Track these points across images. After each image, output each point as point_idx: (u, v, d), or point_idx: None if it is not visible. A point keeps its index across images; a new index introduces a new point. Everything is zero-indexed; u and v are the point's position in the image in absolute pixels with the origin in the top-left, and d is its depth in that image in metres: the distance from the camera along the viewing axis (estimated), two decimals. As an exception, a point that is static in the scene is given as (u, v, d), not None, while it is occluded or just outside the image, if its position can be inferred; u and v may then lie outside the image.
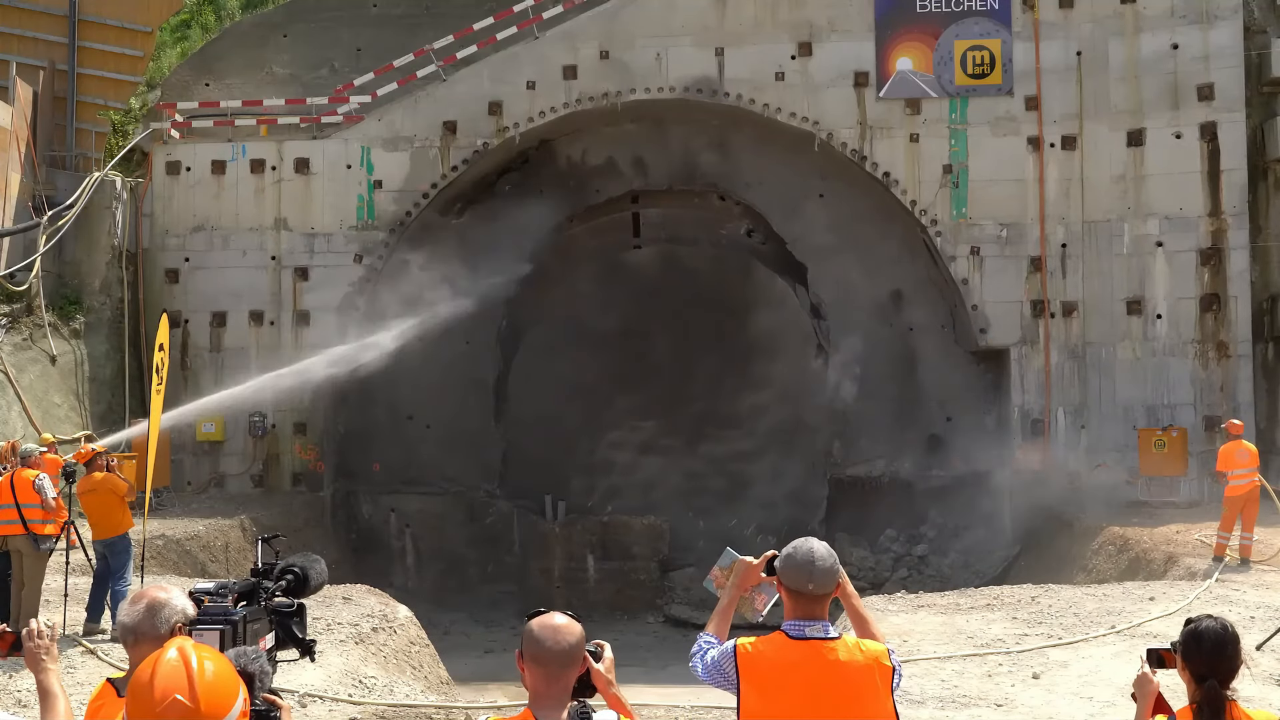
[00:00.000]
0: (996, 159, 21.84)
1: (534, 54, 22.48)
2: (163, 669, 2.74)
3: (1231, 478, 15.26)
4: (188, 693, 2.70)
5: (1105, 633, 11.67)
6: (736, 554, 4.30)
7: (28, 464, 12.39)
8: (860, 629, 4.16)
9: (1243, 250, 21.01)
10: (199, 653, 2.80)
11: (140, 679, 2.76)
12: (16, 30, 26.74)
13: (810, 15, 22.19)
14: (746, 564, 4.23)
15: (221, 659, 2.86)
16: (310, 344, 22.38)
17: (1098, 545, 18.24)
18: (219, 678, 2.78)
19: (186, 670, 2.74)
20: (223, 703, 2.75)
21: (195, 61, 24.28)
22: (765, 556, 4.19)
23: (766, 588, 4.24)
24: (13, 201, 21.66)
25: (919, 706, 9.43)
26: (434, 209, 22.96)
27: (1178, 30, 21.33)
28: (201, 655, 2.80)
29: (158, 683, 2.71)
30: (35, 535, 12.06)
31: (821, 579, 3.94)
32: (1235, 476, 15.23)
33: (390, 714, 9.91)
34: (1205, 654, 3.87)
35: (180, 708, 2.69)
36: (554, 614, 3.36)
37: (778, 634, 3.94)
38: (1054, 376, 21.50)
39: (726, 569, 4.28)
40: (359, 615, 13.03)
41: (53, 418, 20.39)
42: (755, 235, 24.42)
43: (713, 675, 3.97)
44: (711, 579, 4.33)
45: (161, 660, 2.77)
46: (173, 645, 2.82)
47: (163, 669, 2.74)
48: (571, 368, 23.73)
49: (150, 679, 2.73)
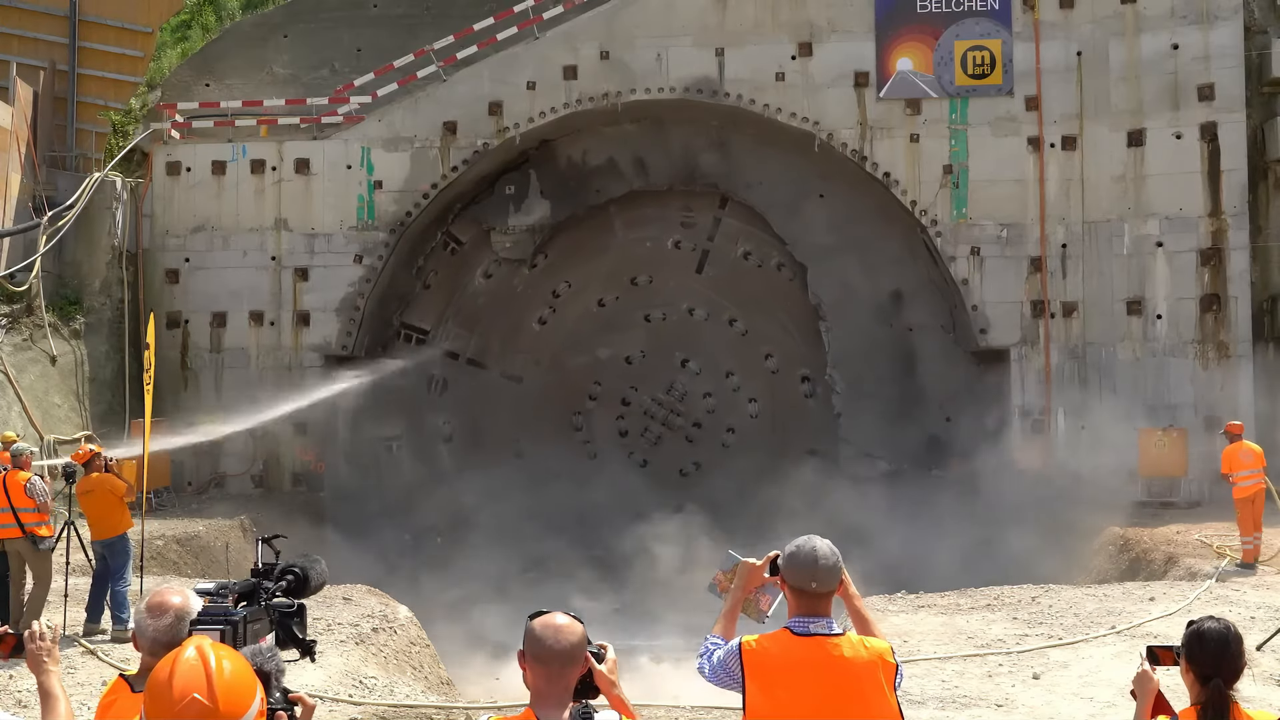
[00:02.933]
0: (997, 159, 21.84)
1: (534, 54, 22.48)
2: (181, 668, 2.73)
3: (1238, 479, 15.12)
4: (206, 692, 2.69)
5: (1106, 633, 11.67)
6: (739, 556, 4.30)
7: (19, 464, 12.41)
8: (861, 629, 4.17)
9: (1243, 250, 21.01)
10: (217, 652, 2.79)
11: (159, 677, 2.75)
12: (17, 30, 26.75)
13: (810, 15, 22.20)
14: (750, 566, 4.23)
15: (239, 658, 2.85)
16: (310, 344, 22.45)
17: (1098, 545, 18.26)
18: (237, 677, 2.77)
19: (205, 669, 2.73)
20: (241, 702, 2.74)
21: (195, 62, 24.29)
22: (768, 557, 4.19)
23: (770, 588, 4.24)
24: (13, 202, 21.66)
25: (919, 707, 9.42)
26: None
27: (1178, 30, 21.33)
28: (220, 654, 2.79)
29: (176, 682, 2.70)
30: (34, 537, 12.08)
31: (825, 576, 3.95)
32: (1242, 478, 15.11)
33: (390, 714, 9.91)
34: (1208, 655, 3.88)
35: (199, 706, 2.68)
36: (556, 614, 3.39)
37: (782, 631, 3.95)
38: (1054, 377, 21.50)
39: (729, 571, 4.28)
40: (359, 615, 13.03)
41: (53, 418, 20.40)
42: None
43: (718, 676, 3.98)
44: (715, 583, 4.32)
45: (180, 659, 2.76)
46: (191, 644, 2.81)
47: (181, 668, 2.73)
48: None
49: (169, 678, 2.72)
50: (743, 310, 24.77)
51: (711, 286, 24.80)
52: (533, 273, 24.69)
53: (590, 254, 24.66)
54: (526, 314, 24.99)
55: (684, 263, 24.84)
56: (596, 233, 24.51)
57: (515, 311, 24.84)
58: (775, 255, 24.28)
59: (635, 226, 24.63)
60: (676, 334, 25.07)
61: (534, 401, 24.74)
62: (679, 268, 24.81)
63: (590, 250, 24.62)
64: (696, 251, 24.79)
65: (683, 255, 24.80)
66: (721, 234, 24.67)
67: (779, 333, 24.74)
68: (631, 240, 24.76)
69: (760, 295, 24.57)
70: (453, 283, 24.37)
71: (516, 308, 24.83)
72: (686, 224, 24.60)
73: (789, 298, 24.38)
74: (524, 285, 24.76)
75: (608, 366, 25.14)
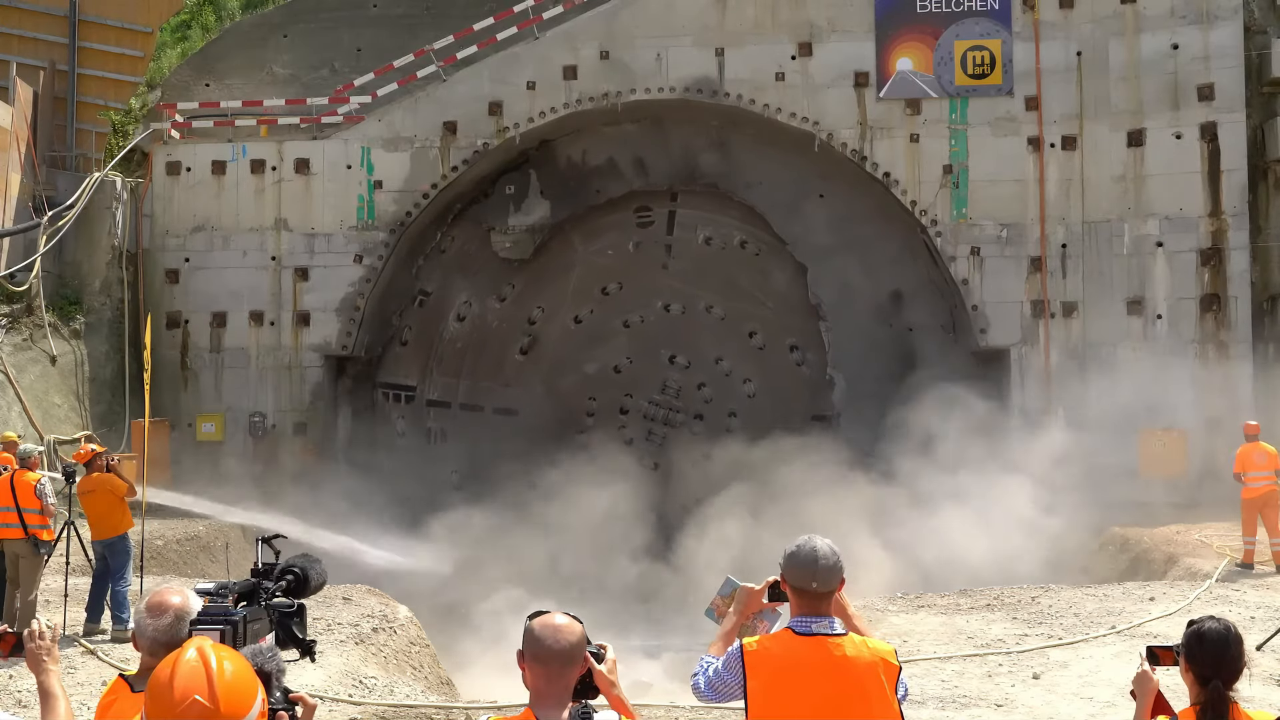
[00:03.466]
0: (997, 159, 21.84)
1: (534, 54, 22.49)
2: (182, 669, 2.73)
3: (1248, 479, 15.08)
4: (207, 693, 2.69)
5: (1105, 633, 11.67)
6: (738, 581, 4.26)
7: (27, 465, 12.40)
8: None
9: (1243, 250, 21.01)
10: (218, 653, 2.78)
11: (160, 679, 2.74)
12: (16, 30, 26.72)
13: (810, 15, 22.20)
14: (748, 590, 4.20)
15: (240, 659, 2.85)
16: (311, 344, 22.46)
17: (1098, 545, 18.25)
18: (239, 678, 2.76)
19: (206, 670, 2.72)
20: (242, 703, 2.74)
21: (195, 62, 24.28)
22: (767, 582, 4.17)
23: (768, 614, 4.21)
24: (13, 202, 21.66)
25: (919, 707, 9.42)
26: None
27: (1178, 30, 21.34)
28: (221, 655, 2.78)
29: (178, 683, 2.70)
30: (35, 539, 12.07)
31: (825, 576, 3.94)
32: (1252, 479, 15.06)
33: (390, 714, 9.91)
34: (1208, 655, 3.88)
35: (200, 708, 2.67)
36: (554, 614, 3.39)
37: (784, 631, 3.95)
38: (1054, 377, 21.50)
39: (728, 597, 4.23)
40: (359, 615, 13.03)
41: (53, 418, 20.40)
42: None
43: (715, 688, 3.93)
44: (713, 608, 4.27)
45: (181, 660, 2.75)
46: (192, 645, 2.80)
47: (182, 669, 2.73)
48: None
49: (170, 679, 2.71)
50: (717, 295, 24.66)
51: (681, 279, 24.69)
52: (504, 305, 24.64)
53: (555, 275, 24.54)
54: (507, 347, 24.86)
55: (649, 262, 24.75)
56: (559, 253, 24.39)
57: (495, 347, 24.74)
58: (737, 234, 24.24)
59: (593, 238, 24.50)
60: (658, 333, 24.98)
61: (533, 431, 24.35)
62: (645, 268, 24.72)
63: (555, 271, 24.50)
64: (659, 246, 24.71)
65: (645, 255, 24.71)
66: (679, 225, 24.53)
67: (757, 308, 24.52)
68: (593, 253, 24.63)
69: (730, 276, 24.42)
70: (429, 334, 24.32)
71: (496, 343, 24.73)
72: (643, 224, 24.59)
73: (758, 271, 24.28)
74: (498, 320, 24.70)
75: (598, 380, 24.98)
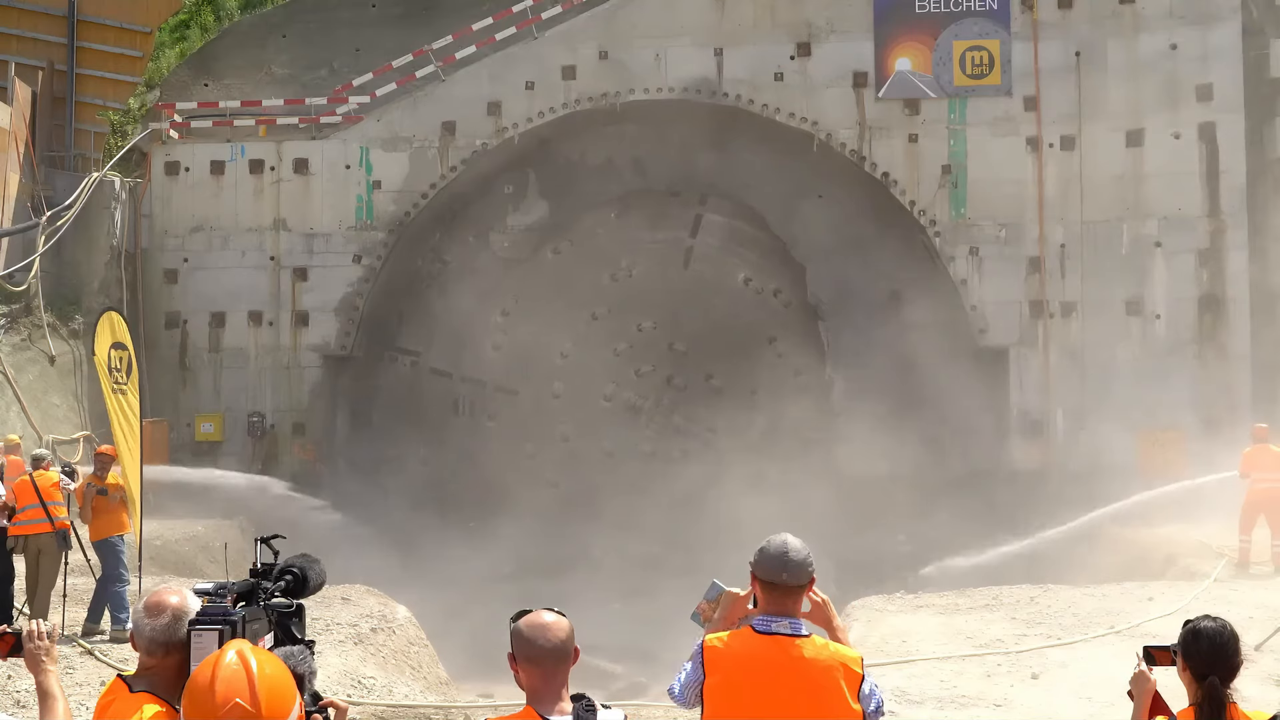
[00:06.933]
0: (995, 159, 21.84)
1: (533, 54, 22.49)
2: (223, 672, 2.72)
3: (1255, 481, 15.00)
4: (249, 696, 2.68)
5: (1104, 633, 11.67)
6: (723, 585, 4.23)
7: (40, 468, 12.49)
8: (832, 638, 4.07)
9: (1242, 250, 21.01)
10: (258, 656, 2.78)
11: (200, 682, 2.73)
12: (16, 30, 26.71)
13: (809, 15, 22.20)
14: (733, 595, 4.16)
15: (278, 662, 2.84)
16: (309, 344, 22.46)
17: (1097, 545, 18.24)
18: (278, 681, 2.76)
19: (247, 673, 2.71)
20: (283, 706, 2.73)
21: (194, 62, 24.27)
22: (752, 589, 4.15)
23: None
24: (12, 202, 21.66)
25: (918, 706, 9.42)
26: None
27: (1176, 30, 21.34)
28: (261, 658, 2.78)
29: (219, 686, 2.69)
30: (63, 533, 12.19)
31: (795, 570, 3.90)
32: (1259, 480, 14.98)
33: (389, 714, 9.91)
34: (1205, 653, 3.88)
35: (241, 711, 2.66)
36: (540, 612, 3.39)
37: (745, 629, 3.91)
38: (1053, 377, 21.50)
39: (713, 601, 4.19)
40: (358, 616, 13.03)
41: (51, 418, 20.39)
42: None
43: (686, 689, 3.88)
44: (698, 612, 4.22)
45: (221, 663, 2.74)
46: (231, 648, 2.80)
47: (223, 672, 2.72)
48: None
49: (211, 682, 2.70)
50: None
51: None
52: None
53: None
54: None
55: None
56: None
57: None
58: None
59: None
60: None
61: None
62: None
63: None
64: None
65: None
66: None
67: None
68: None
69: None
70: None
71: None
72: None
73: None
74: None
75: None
